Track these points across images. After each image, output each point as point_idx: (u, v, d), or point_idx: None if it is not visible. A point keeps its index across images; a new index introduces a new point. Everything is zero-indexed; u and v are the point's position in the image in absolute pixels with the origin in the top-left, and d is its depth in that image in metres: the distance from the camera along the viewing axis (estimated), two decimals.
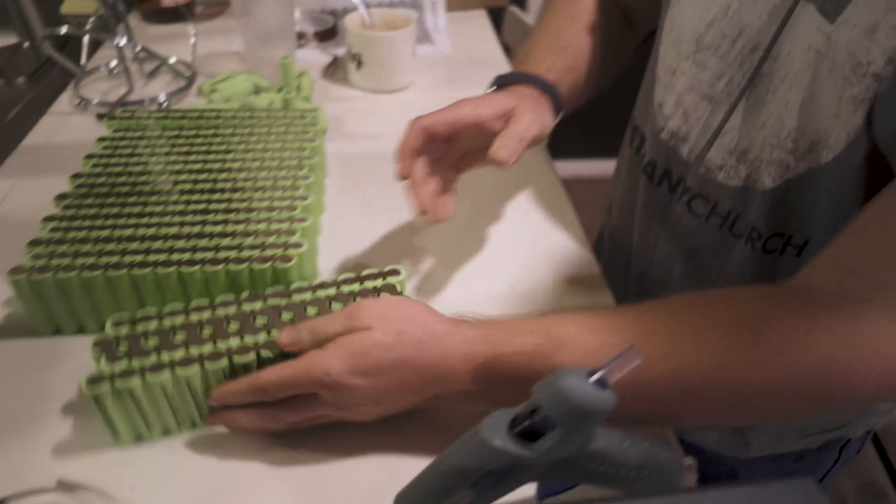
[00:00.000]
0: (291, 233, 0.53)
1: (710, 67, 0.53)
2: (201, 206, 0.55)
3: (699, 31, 0.53)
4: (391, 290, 0.48)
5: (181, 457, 0.44)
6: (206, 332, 0.44)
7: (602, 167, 1.23)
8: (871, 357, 0.37)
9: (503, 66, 0.97)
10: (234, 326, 0.45)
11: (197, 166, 0.60)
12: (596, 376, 0.32)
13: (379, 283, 0.49)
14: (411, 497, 0.38)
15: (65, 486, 0.41)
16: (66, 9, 0.98)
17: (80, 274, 0.48)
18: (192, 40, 0.87)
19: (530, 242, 0.64)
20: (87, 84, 0.86)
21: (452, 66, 0.95)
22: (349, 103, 0.86)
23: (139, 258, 0.50)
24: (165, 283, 0.50)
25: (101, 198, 0.56)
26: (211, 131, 0.65)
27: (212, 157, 0.62)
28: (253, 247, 0.51)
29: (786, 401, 0.40)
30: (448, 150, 0.55)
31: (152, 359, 0.42)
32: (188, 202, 0.56)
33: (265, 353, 0.43)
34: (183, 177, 0.59)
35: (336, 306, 0.47)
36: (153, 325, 0.45)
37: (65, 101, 0.83)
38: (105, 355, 0.43)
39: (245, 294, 0.48)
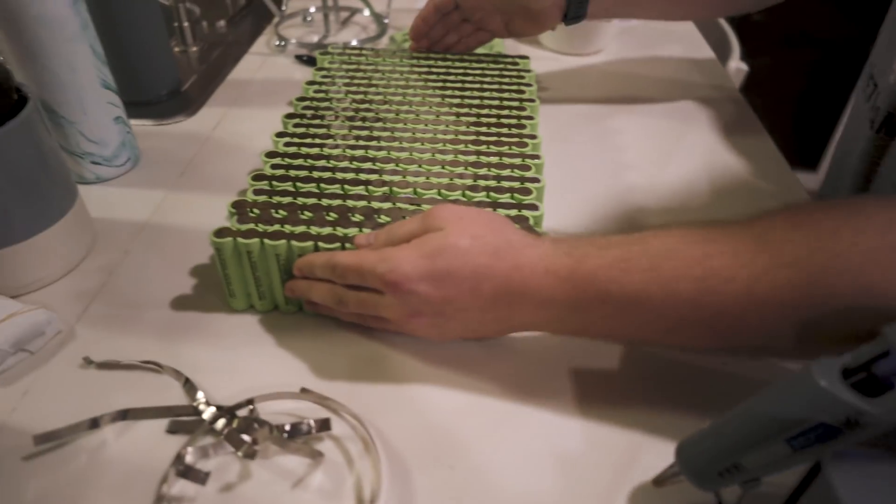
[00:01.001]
0: (526, 168, 0.50)
1: None
2: (427, 136, 0.53)
3: None
4: (522, 221, 0.44)
5: (416, 390, 0.42)
6: (331, 217, 0.44)
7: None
8: None
9: (693, 38, 0.90)
10: (357, 218, 0.44)
11: (416, 99, 0.58)
12: None
13: (513, 213, 0.45)
14: (704, 447, 0.34)
15: (308, 394, 0.40)
16: None
17: (319, 186, 0.47)
18: None
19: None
20: (282, 29, 0.87)
21: (641, 36, 0.90)
22: (539, 62, 0.82)
23: (374, 177, 0.48)
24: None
25: (328, 120, 0.55)
26: (424, 69, 0.64)
27: (429, 92, 0.60)
28: (487, 177, 0.48)
29: None
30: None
31: (275, 227, 0.43)
32: (413, 131, 0.54)
33: (349, 246, 0.42)
34: (404, 107, 0.57)
35: None
36: (287, 199, 0.46)
37: (262, 43, 0.84)
38: (238, 216, 0.44)
39: (379, 193, 0.47)
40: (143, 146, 0.62)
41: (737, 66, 1.08)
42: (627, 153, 0.65)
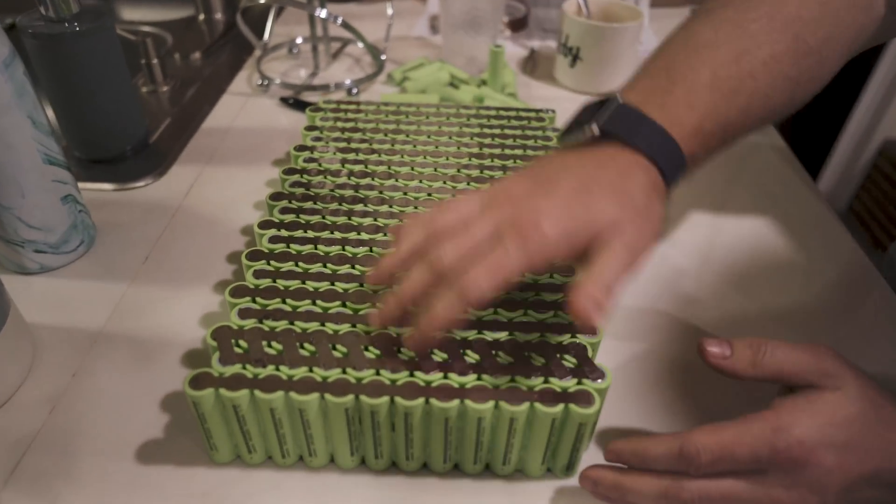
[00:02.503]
0: (568, 271, 0.41)
1: None
2: None
3: None
4: (580, 352, 0.35)
5: None
6: (340, 351, 0.35)
7: None
8: None
9: None
10: (373, 353, 0.35)
11: (427, 170, 0.49)
12: None
13: (566, 338, 0.36)
14: None
15: None
16: None
17: (315, 302, 0.38)
18: (390, 20, 0.77)
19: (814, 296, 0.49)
20: (265, 62, 0.77)
21: None
22: (555, 104, 0.73)
23: (382, 288, 0.39)
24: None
25: (321, 203, 0.46)
26: (434, 128, 0.54)
27: (442, 159, 0.50)
28: (524, 289, 0.39)
29: None
30: None
31: (269, 369, 0.34)
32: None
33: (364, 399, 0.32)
34: (413, 183, 0.48)
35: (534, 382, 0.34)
36: (282, 325, 0.36)
37: (243, 79, 0.74)
38: (220, 352, 0.34)
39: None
40: (100, 219, 0.52)
41: None
42: (668, 226, 0.56)
